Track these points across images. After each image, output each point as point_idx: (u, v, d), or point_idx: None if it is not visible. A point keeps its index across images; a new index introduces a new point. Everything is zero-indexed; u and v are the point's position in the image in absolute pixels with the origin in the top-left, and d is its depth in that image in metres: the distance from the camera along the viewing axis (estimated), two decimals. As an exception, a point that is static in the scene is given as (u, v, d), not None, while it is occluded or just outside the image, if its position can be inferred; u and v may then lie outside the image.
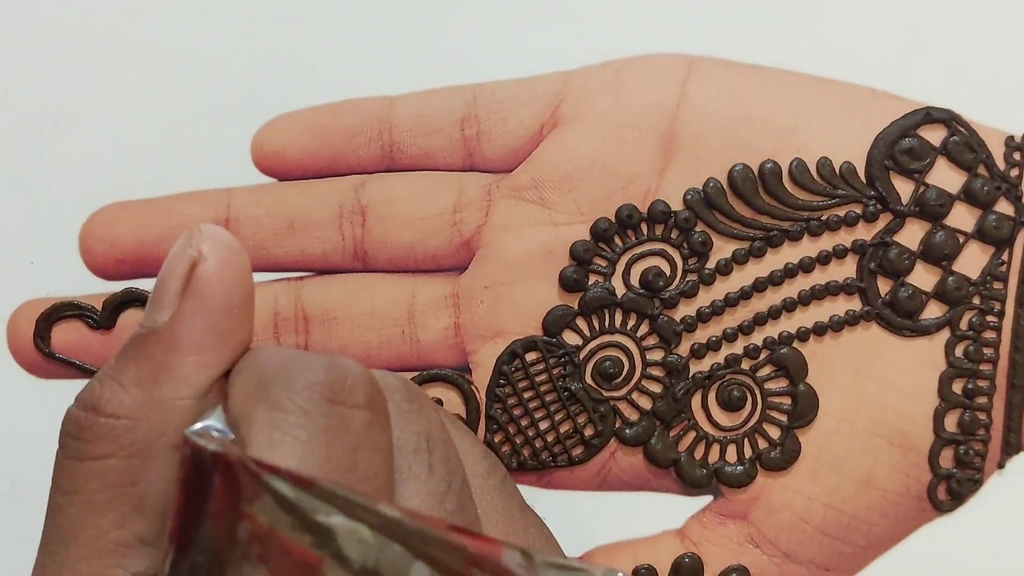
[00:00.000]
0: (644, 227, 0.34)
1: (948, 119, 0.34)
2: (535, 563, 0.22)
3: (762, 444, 0.34)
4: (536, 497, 0.34)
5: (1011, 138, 0.34)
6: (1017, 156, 0.34)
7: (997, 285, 0.34)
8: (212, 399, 0.25)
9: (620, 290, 0.34)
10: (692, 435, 0.34)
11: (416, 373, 0.33)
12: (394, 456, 0.25)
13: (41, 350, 0.33)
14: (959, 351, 0.34)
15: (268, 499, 0.21)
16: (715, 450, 0.34)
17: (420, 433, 0.25)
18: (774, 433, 0.34)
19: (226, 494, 0.21)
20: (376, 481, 0.24)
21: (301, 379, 0.24)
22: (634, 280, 0.34)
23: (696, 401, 0.34)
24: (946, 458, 0.34)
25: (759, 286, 0.34)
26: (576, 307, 0.34)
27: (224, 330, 0.25)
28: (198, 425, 0.23)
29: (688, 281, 0.34)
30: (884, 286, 0.34)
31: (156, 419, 0.24)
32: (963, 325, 0.34)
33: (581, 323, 0.34)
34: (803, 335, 0.34)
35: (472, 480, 0.26)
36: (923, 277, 0.34)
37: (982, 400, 0.34)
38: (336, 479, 0.23)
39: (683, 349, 0.34)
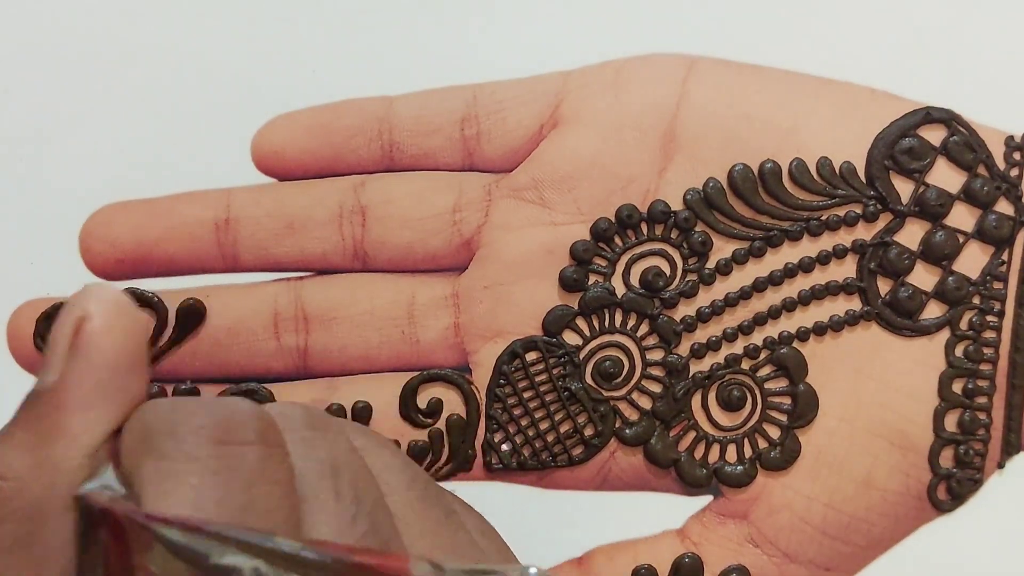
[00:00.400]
0: (644, 227, 0.34)
1: (948, 119, 0.34)
2: (445, 572, 0.22)
3: (762, 444, 0.34)
4: (536, 497, 0.34)
5: (1011, 138, 0.34)
6: (1017, 156, 0.34)
7: (997, 285, 0.34)
8: (103, 458, 0.24)
9: (620, 290, 0.34)
10: (692, 435, 0.34)
11: (414, 373, 0.33)
12: (298, 486, 0.24)
13: (41, 350, 0.33)
14: (959, 351, 0.34)
15: (159, 549, 0.21)
16: (715, 450, 0.34)
17: (324, 460, 0.25)
18: (774, 433, 0.34)
19: (117, 550, 0.21)
20: (276, 515, 0.23)
21: (185, 425, 0.24)
22: (634, 280, 0.34)
23: (696, 401, 0.34)
24: (946, 458, 0.34)
25: (759, 286, 0.34)
26: (576, 307, 0.34)
27: (111, 388, 0.24)
28: (90, 484, 0.23)
29: (688, 281, 0.34)
30: (884, 286, 0.34)
31: (45, 480, 0.24)
32: (963, 325, 0.34)
33: (581, 323, 0.34)
34: (803, 335, 0.34)
35: (391, 495, 0.26)
36: (923, 277, 0.34)
37: (982, 400, 0.34)
38: (232, 519, 0.23)
39: (683, 349, 0.34)
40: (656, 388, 0.34)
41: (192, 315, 0.33)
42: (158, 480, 0.23)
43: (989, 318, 0.34)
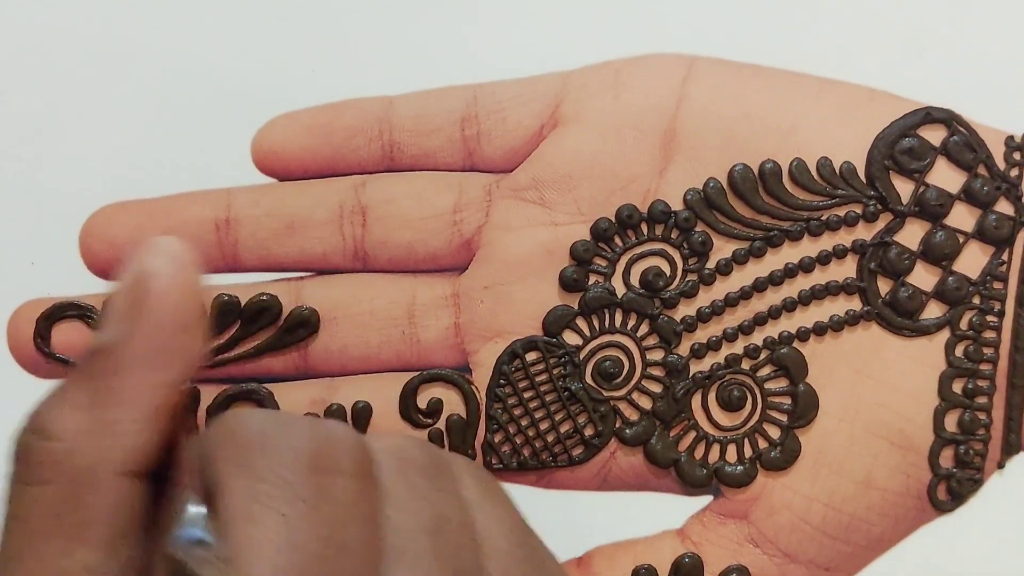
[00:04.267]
0: (644, 227, 0.34)
1: (948, 119, 0.34)
2: None
3: (762, 444, 0.34)
4: (536, 497, 0.34)
5: (1011, 138, 0.34)
6: (1017, 156, 0.34)
7: (997, 285, 0.34)
8: (186, 495, 0.23)
9: (620, 290, 0.34)
10: (692, 435, 0.34)
11: (414, 373, 0.33)
12: (392, 536, 0.23)
13: (41, 350, 0.33)
14: (959, 351, 0.34)
15: None
16: (715, 450, 0.34)
17: (428, 515, 0.24)
18: (774, 433, 0.34)
19: None
20: (366, 557, 0.22)
21: (282, 445, 0.23)
22: (634, 280, 0.34)
23: (696, 401, 0.34)
24: (946, 458, 0.34)
25: (759, 286, 0.34)
26: (576, 307, 0.34)
27: (171, 350, 0.24)
28: (180, 531, 0.22)
29: (688, 281, 0.34)
30: (884, 286, 0.34)
31: (99, 443, 0.23)
32: (963, 325, 0.34)
33: (581, 323, 0.34)
34: (803, 335, 0.34)
35: (491, 558, 0.25)
36: (923, 277, 0.34)
37: (982, 400, 0.34)
38: (321, 555, 0.22)
39: (683, 349, 0.34)
40: (656, 388, 0.34)
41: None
42: (248, 500, 0.22)
43: (989, 318, 0.34)
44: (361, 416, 0.33)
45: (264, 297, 0.33)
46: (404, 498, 0.24)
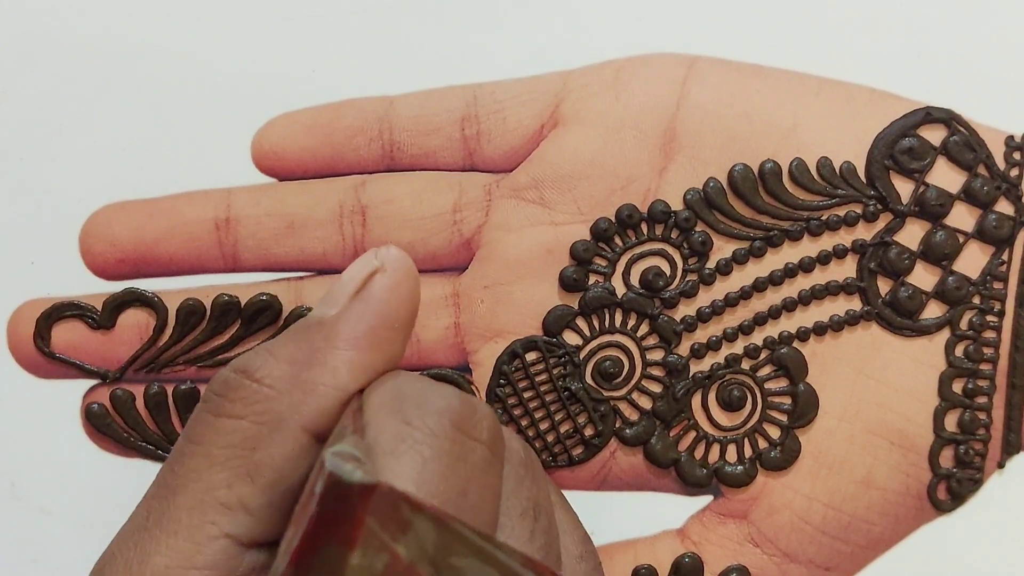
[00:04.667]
0: (644, 227, 0.34)
1: (948, 119, 0.34)
2: None
3: (762, 444, 0.34)
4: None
5: (1011, 138, 0.34)
6: (1017, 156, 0.34)
7: (997, 285, 0.34)
8: (348, 424, 0.25)
9: (620, 290, 0.34)
10: (692, 435, 0.34)
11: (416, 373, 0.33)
12: (502, 509, 0.25)
13: (41, 350, 0.33)
14: (959, 351, 0.34)
15: (412, 535, 0.22)
16: (715, 450, 0.34)
17: (530, 499, 0.26)
18: (774, 433, 0.34)
19: (372, 526, 0.21)
20: (483, 516, 0.24)
21: (434, 403, 0.25)
22: (634, 280, 0.34)
23: (696, 401, 0.34)
24: (946, 458, 0.34)
25: (759, 286, 0.34)
26: (576, 307, 0.34)
27: (381, 338, 0.26)
28: (335, 447, 0.23)
29: (688, 281, 0.34)
30: (884, 286, 0.34)
31: (296, 397, 0.25)
32: (963, 325, 0.34)
33: (581, 323, 0.34)
34: (803, 335, 0.34)
35: (565, 559, 0.27)
36: (923, 277, 0.34)
37: (982, 400, 0.34)
38: (448, 500, 0.23)
39: (683, 349, 0.34)
40: (656, 388, 0.34)
41: (192, 315, 0.33)
42: (395, 439, 0.24)
43: (989, 318, 0.34)
44: (361, 416, 0.33)
45: (264, 297, 0.33)
46: (510, 477, 0.26)
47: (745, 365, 0.34)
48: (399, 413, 0.24)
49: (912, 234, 0.34)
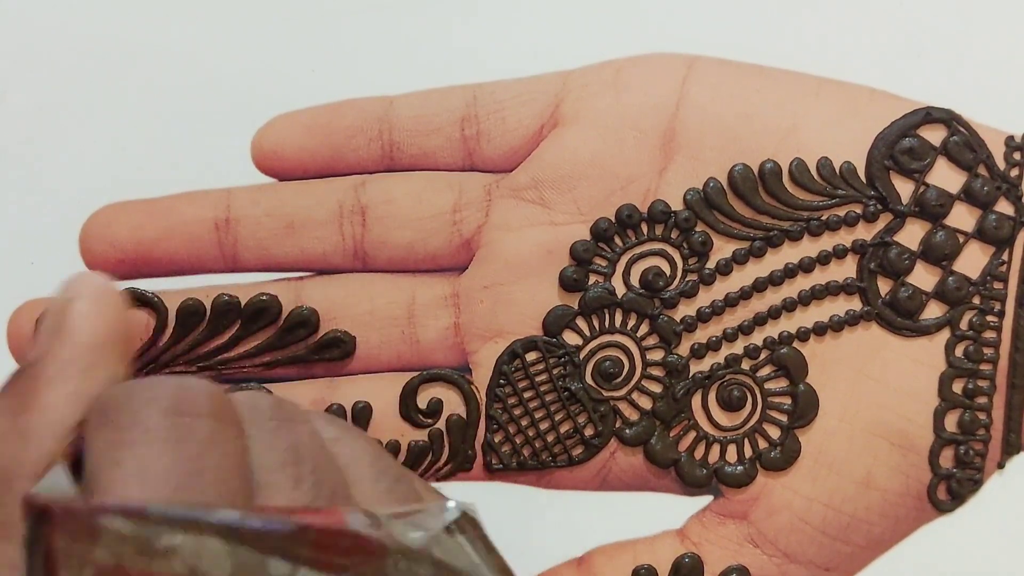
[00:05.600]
0: (644, 227, 0.34)
1: (948, 119, 0.34)
2: (379, 518, 0.23)
3: (762, 444, 0.34)
4: (536, 497, 0.34)
5: (1011, 138, 0.34)
6: (1017, 156, 0.34)
7: (997, 285, 0.34)
8: (57, 454, 0.24)
9: (620, 290, 0.34)
10: (692, 435, 0.34)
11: (414, 373, 0.33)
12: (257, 474, 0.25)
13: (41, 350, 0.33)
14: (959, 351, 0.34)
15: (106, 538, 0.21)
16: (715, 450, 0.34)
17: (287, 448, 0.25)
18: (774, 433, 0.34)
19: (64, 546, 0.21)
20: (227, 485, 0.24)
21: (140, 398, 0.24)
22: (634, 280, 0.34)
23: (696, 401, 0.34)
24: (946, 458, 0.34)
25: (759, 286, 0.34)
26: (576, 307, 0.34)
27: (87, 365, 0.25)
28: (39, 485, 0.23)
29: (688, 281, 0.34)
30: (884, 286, 0.34)
31: (17, 447, 0.24)
32: (963, 325, 0.34)
33: (581, 323, 0.34)
34: (803, 335, 0.34)
35: (356, 486, 0.26)
36: (923, 277, 0.34)
37: (982, 400, 0.34)
38: (181, 485, 0.23)
39: (683, 349, 0.34)
40: (656, 388, 0.34)
41: (192, 315, 0.33)
42: (110, 450, 0.23)
43: (989, 318, 0.34)
44: (361, 416, 0.33)
45: (264, 297, 0.33)
46: (261, 436, 0.25)
47: (745, 365, 0.34)
48: (109, 423, 0.24)
49: (912, 234, 0.34)
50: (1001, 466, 0.34)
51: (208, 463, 0.24)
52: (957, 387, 0.34)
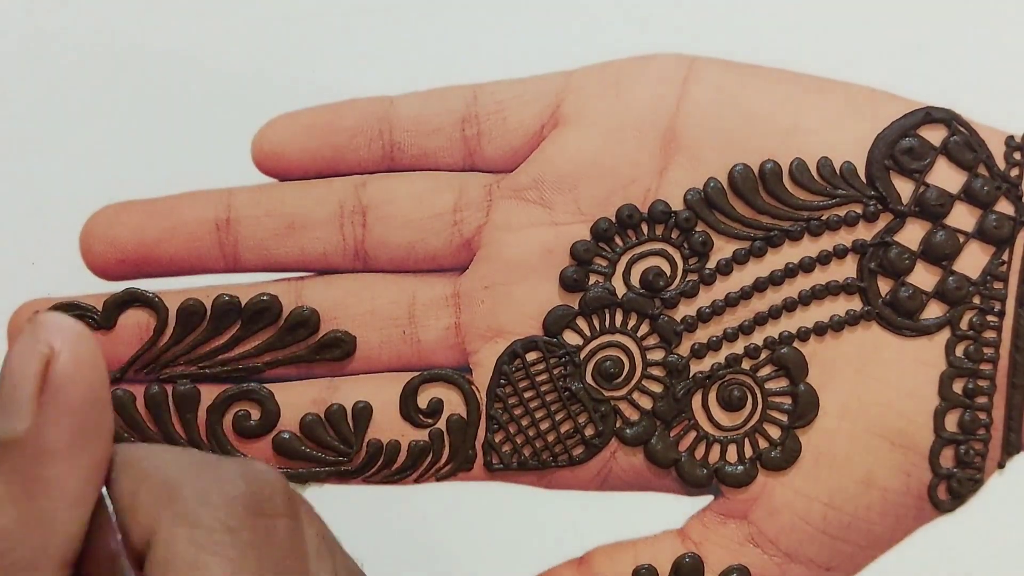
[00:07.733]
0: (644, 227, 0.34)
1: (948, 119, 0.34)
2: None
3: (762, 444, 0.34)
4: (536, 497, 0.34)
5: (1011, 138, 0.34)
6: (1017, 156, 0.34)
7: (997, 285, 0.34)
8: (119, 551, 0.23)
9: (620, 290, 0.34)
10: (692, 435, 0.34)
11: (415, 373, 0.33)
12: (311, 561, 0.24)
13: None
14: (959, 351, 0.34)
15: None
16: (715, 450, 0.34)
17: (318, 536, 0.25)
18: (774, 433, 0.34)
19: None
20: None
21: (219, 492, 0.23)
22: (634, 280, 0.34)
23: (696, 401, 0.34)
24: (946, 458, 0.34)
25: (759, 286, 0.34)
26: (576, 307, 0.34)
27: (90, 429, 0.23)
28: None
29: (688, 281, 0.34)
30: (884, 286, 0.34)
31: (37, 538, 0.23)
32: (963, 325, 0.34)
33: (581, 323, 0.34)
34: (803, 335, 0.34)
35: None
36: (923, 277, 0.34)
37: (982, 400, 0.34)
38: None
39: (683, 349, 0.34)
40: (657, 388, 0.34)
41: (192, 315, 0.33)
42: (195, 550, 0.22)
43: (989, 318, 0.34)
44: (361, 416, 0.33)
45: (264, 297, 0.33)
46: (312, 530, 0.25)
47: (745, 365, 0.34)
48: (185, 516, 0.23)
49: (912, 234, 0.34)
50: (1001, 466, 0.34)
51: (290, 565, 0.23)
52: (957, 387, 0.34)
